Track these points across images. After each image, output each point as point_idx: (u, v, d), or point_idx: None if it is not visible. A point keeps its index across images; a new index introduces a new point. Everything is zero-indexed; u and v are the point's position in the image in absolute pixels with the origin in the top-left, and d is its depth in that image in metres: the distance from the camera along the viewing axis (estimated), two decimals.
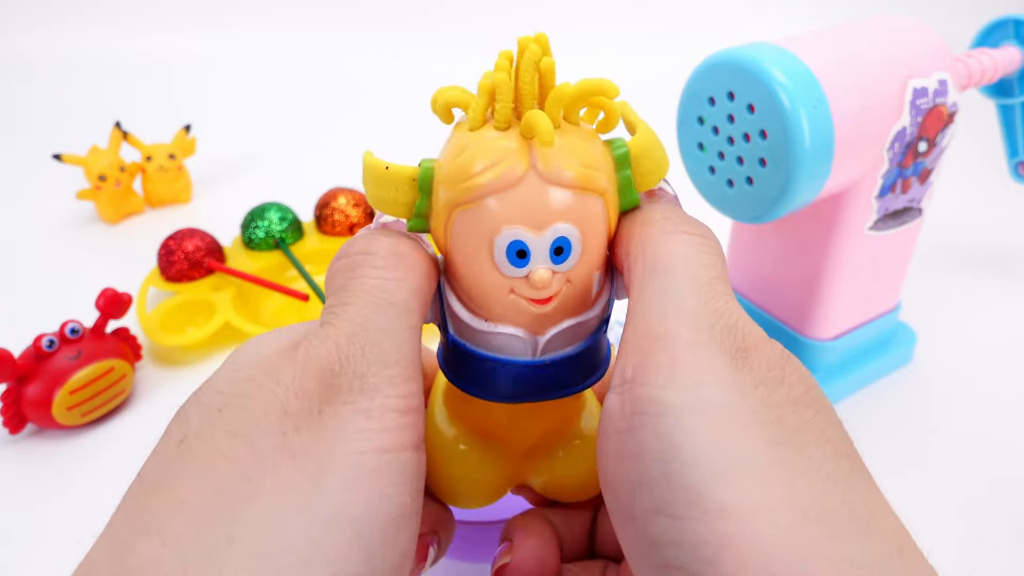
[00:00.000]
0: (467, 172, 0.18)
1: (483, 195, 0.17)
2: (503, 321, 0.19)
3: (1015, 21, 0.44)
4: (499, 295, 0.18)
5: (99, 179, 0.62)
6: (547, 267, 0.18)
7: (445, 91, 0.19)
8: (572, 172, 0.18)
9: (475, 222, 0.18)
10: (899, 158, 0.37)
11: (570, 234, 0.18)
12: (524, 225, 0.17)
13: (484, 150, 0.18)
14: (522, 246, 0.17)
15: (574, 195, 0.18)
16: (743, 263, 0.46)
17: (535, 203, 0.17)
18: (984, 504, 0.38)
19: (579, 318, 0.19)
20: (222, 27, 1.10)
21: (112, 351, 0.43)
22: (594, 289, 0.19)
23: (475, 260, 0.18)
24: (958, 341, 0.50)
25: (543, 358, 0.19)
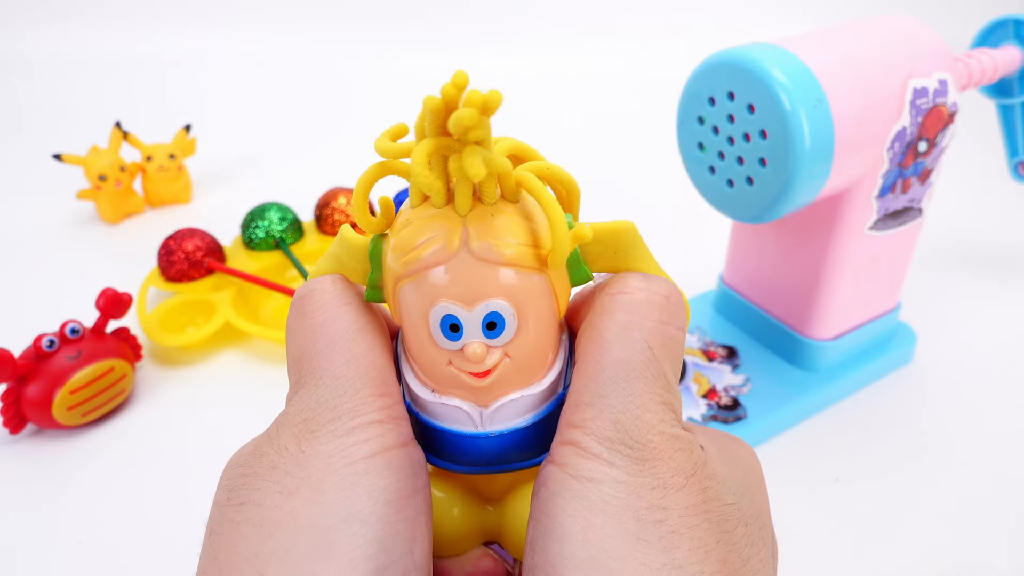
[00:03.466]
0: (406, 247, 0.18)
1: (420, 269, 0.18)
2: (448, 393, 0.19)
3: (1015, 21, 0.44)
4: (440, 367, 0.19)
5: (99, 179, 0.62)
6: (480, 342, 0.18)
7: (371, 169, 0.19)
8: (506, 250, 0.18)
9: (415, 295, 0.18)
10: (899, 158, 0.37)
11: (503, 309, 0.18)
12: (455, 300, 0.18)
13: (421, 227, 0.18)
14: (454, 320, 0.18)
15: (510, 272, 0.18)
16: (743, 263, 0.46)
17: (466, 279, 0.18)
18: (984, 503, 0.38)
19: (524, 392, 0.19)
20: (222, 27, 1.10)
21: (112, 351, 0.43)
22: (541, 365, 0.20)
23: (416, 332, 0.19)
24: (958, 341, 0.50)
25: (489, 431, 0.20)
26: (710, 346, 0.46)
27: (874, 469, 0.40)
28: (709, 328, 0.48)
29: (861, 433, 0.43)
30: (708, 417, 0.41)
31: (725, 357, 0.45)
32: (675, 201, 0.61)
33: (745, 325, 0.47)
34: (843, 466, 0.41)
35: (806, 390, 0.43)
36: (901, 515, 0.38)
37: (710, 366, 0.44)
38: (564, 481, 0.17)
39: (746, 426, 0.41)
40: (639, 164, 0.74)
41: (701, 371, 0.44)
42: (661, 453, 0.18)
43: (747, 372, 0.44)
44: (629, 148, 0.79)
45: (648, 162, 0.72)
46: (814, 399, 0.43)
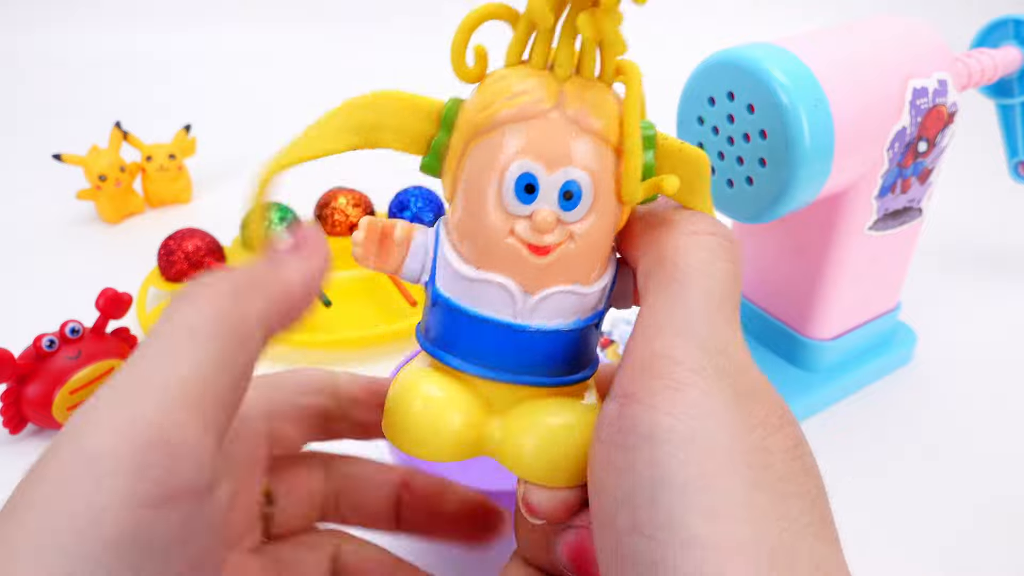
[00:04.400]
0: (492, 99, 0.18)
1: (503, 122, 0.17)
2: (495, 269, 0.18)
3: (1015, 21, 0.44)
4: (498, 237, 0.18)
5: (99, 179, 0.62)
6: (552, 210, 0.17)
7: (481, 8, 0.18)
8: (597, 120, 0.17)
9: (490, 152, 0.17)
10: (899, 158, 0.37)
11: (582, 181, 0.17)
12: (538, 159, 0.17)
13: (513, 81, 0.18)
14: (532, 180, 0.17)
15: (593, 144, 0.17)
16: (743, 263, 0.46)
17: (553, 140, 0.17)
18: (984, 503, 0.38)
19: (574, 287, 0.18)
20: (222, 27, 1.10)
21: (112, 351, 0.43)
22: (596, 263, 0.19)
23: (482, 195, 0.18)
24: (958, 341, 0.50)
25: (527, 324, 0.18)
26: None
27: (874, 469, 0.40)
28: None
29: (861, 433, 0.43)
30: None
31: None
32: None
33: (745, 325, 0.47)
34: (843, 466, 0.41)
35: (806, 390, 0.43)
36: (901, 515, 0.38)
37: None
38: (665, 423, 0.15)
39: None
40: None
41: None
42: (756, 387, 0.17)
43: None
44: None
45: None
46: (814, 399, 0.43)
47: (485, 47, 0.18)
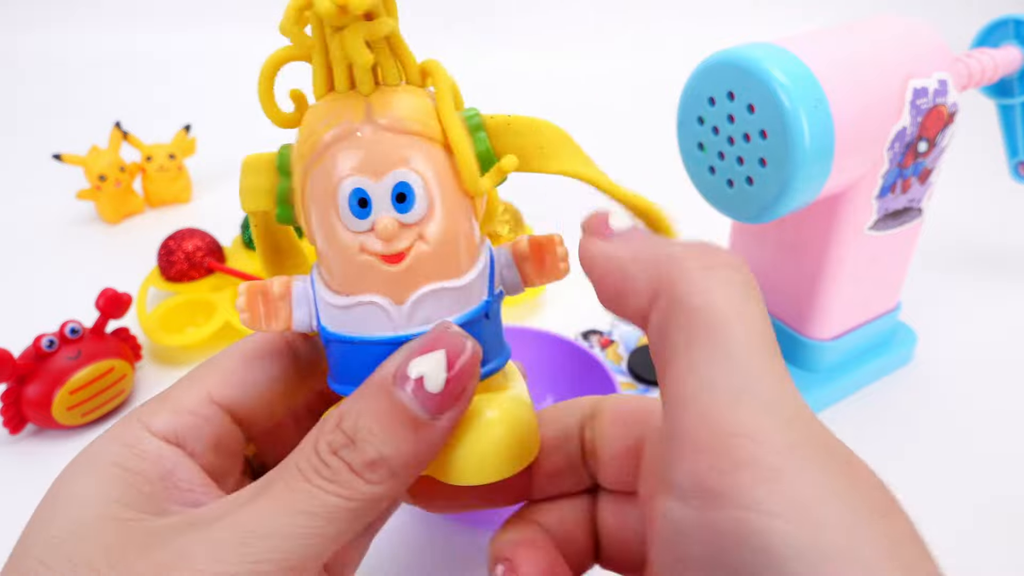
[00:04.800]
0: (309, 132, 0.18)
1: (324, 148, 0.18)
2: (361, 291, 0.18)
3: (1015, 21, 0.44)
4: (352, 257, 0.18)
5: (99, 179, 0.62)
6: (391, 216, 0.18)
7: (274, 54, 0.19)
8: (412, 122, 0.18)
9: (321, 179, 0.18)
10: (899, 158, 0.37)
11: (412, 180, 0.18)
12: (362, 172, 0.17)
13: (322, 109, 0.18)
14: (362, 194, 0.17)
15: (412, 143, 0.18)
16: None
17: (372, 150, 0.18)
18: (984, 503, 0.38)
19: (442, 284, 0.18)
20: (221, 27, 1.10)
21: (112, 351, 0.43)
22: (458, 256, 0.19)
23: (326, 220, 0.18)
24: (958, 341, 0.50)
25: (409, 333, 0.18)
26: None
27: (874, 469, 0.40)
28: None
29: (861, 433, 0.43)
30: None
31: None
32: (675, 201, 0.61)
33: None
34: None
35: (806, 390, 0.43)
36: None
37: None
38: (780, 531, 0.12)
39: None
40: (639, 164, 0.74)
41: None
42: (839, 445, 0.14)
43: None
44: (629, 148, 0.79)
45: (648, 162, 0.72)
46: (814, 399, 0.43)
47: (302, 92, 0.19)
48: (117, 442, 0.19)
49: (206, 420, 0.20)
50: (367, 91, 0.18)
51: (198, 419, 0.20)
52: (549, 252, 0.20)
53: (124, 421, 0.20)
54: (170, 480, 0.18)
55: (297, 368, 0.22)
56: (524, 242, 0.20)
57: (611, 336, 0.47)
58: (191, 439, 0.20)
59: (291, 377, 0.22)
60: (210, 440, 0.20)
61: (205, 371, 0.21)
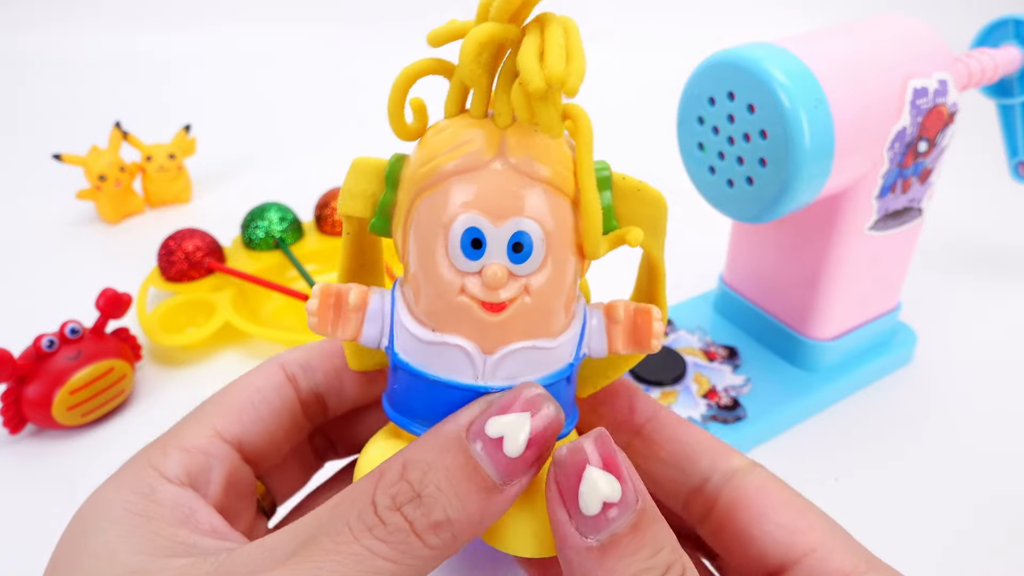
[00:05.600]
0: (433, 153, 0.17)
1: (445, 176, 0.17)
2: (450, 331, 0.17)
3: (1015, 21, 0.44)
4: (449, 296, 0.17)
5: (99, 179, 0.62)
6: (502, 264, 0.17)
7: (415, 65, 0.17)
8: (543, 167, 0.17)
9: (434, 208, 0.17)
10: (899, 158, 0.37)
11: (532, 231, 0.16)
12: (482, 212, 0.16)
13: (453, 133, 0.17)
14: (478, 234, 0.16)
15: (542, 192, 0.17)
16: (743, 263, 0.46)
17: (497, 191, 0.16)
18: (984, 503, 0.38)
19: (536, 342, 0.17)
20: (221, 27, 1.10)
21: (112, 351, 0.43)
22: (558, 315, 0.18)
23: (429, 252, 0.17)
24: (958, 341, 0.50)
25: (489, 385, 0.17)
26: (711, 346, 0.46)
27: (874, 469, 0.40)
28: (709, 328, 0.48)
29: (861, 433, 0.43)
30: (708, 417, 0.41)
31: (726, 357, 0.45)
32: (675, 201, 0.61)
33: (745, 325, 0.47)
34: (843, 466, 0.41)
35: (806, 390, 0.43)
36: (901, 515, 0.38)
37: (710, 366, 0.44)
38: None
39: (746, 426, 0.41)
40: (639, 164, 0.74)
41: (701, 371, 0.44)
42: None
43: (747, 372, 0.44)
44: (629, 148, 0.79)
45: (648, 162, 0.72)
46: (814, 399, 0.43)
47: (423, 101, 0.18)
48: (130, 491, 0.18)
49: (218, 459, 0.19)
50: (504, 124, 0.17)
51: (209, 458, 0.19)
52: (645, 326, 0.19)
53: (134, 467, 0.19)
54: (191, 524, 0.17)
55: (300, 404, 0.22)
56: (620, 309, 0.19)
57: None
58: (203, 480, 0.19)
59: (296, 411, 0.21)
60: (222, 479, 0.19)
61: (210, 408, 0.21)
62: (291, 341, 0.48)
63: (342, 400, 0.23)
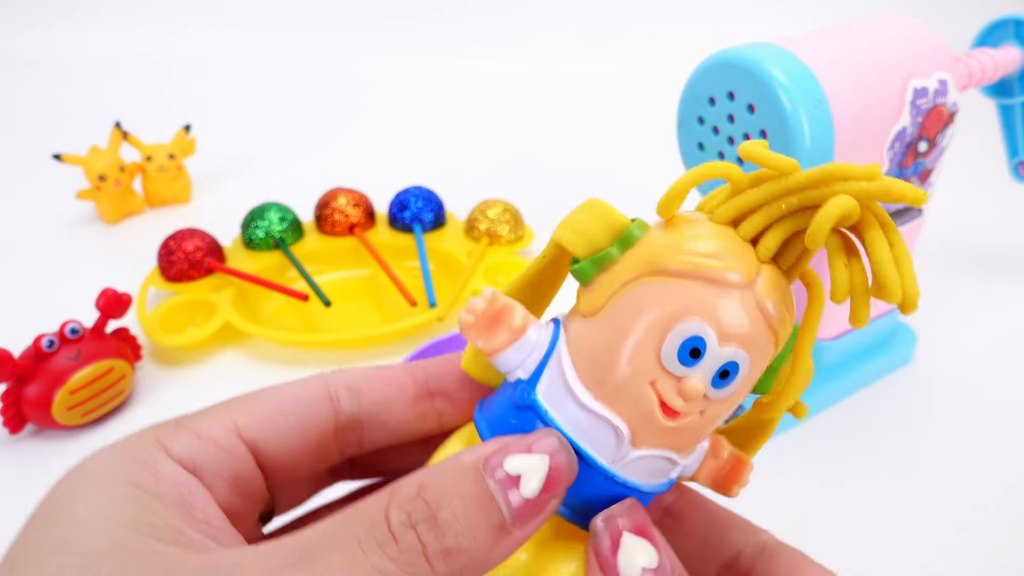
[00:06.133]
0: (689, 248, 0.17)
1: (695, 275, 0.17)
2: (615, 410, 0.17)
3: (1015, 21, 0.44)
4: (639, 382, 0.17)
5: (99, 179, 0.62)
6: (705, 382, 0.17)
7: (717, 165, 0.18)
8: (776, 313, 0.17)
9: (668, 297, 0.17)
10: (899, 158, 0.37)
11: (743, 364, 0.17)
12: (716, 329, 0.16)
13: (719, 242, 0.17)
14: (700, 345, 0.16)
15: (766, 334, 0.17)
16: None
17: (737, 316, 0.16)
18: (984, 504, 0.38)
19: (673, 455, 0.18)
20: (222, 27, 1.10)
21: (112, 351, 0.43)
22: (701, 440, 0.18)
23: (638, 336, 0.17)
24: (958, 341, 0.50)
25: (619, 474, 0.17)
26: None
27: (874, 469, 0.40)
28: None
29: (861, 433, 0.43)
30: None
31: None
32: None
33: None
34: (843, 466, 0.41)
35: (806, 390, 0.43)
36: (901, 515, 0.38)
37: None
38: None
39: None
40: (639, 164, 0.74)
41: None
42: None
43: None
44: (629, 148, 0.79)
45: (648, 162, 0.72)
46: (814, 399, 0.43)
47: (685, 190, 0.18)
48: (130, 458, 0.17)
49: (228, 453, 0.18)
50: (766, 258, 0.17)
51: (220, 451, 0.18)
52: (736, 474, 0.19)
53: (138, 437, 0.18)
54: (187, 508, 0.16)
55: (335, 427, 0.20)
56: (725, 450, 0.19)
57: None
58: (209, 470, 0.18)
59: (327, 434, 0.20)
60: (229, 476, 0.18)
61: (237, 402, 0.19)
62: (291, 341, 0.48)
63: (383, 431, 0.21)
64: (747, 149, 0.17)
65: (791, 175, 0.17)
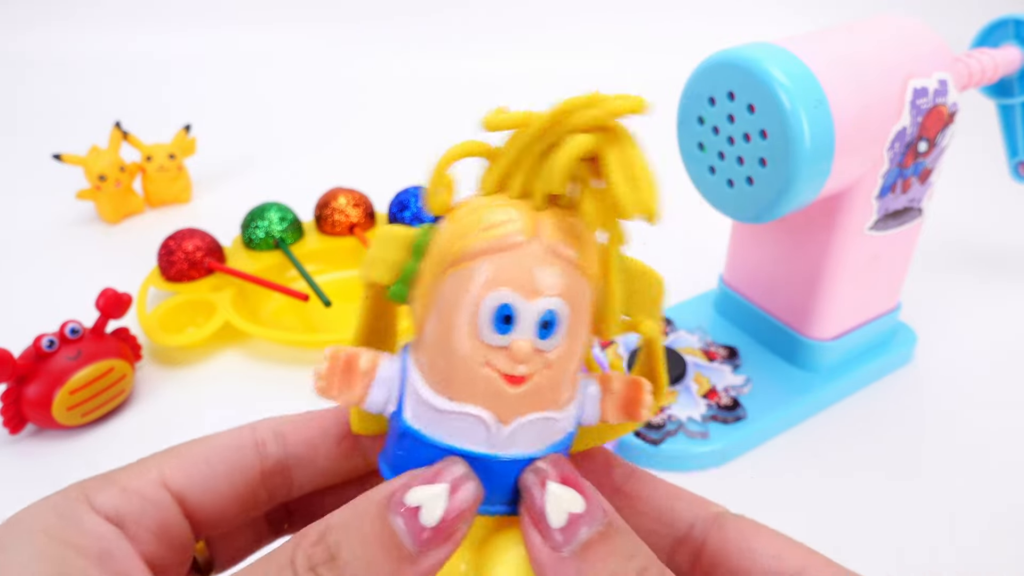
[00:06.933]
0: (469, 229, 0.17)
1: (481, 253, 0.17)
2: (468, 401, 0.17)
3: (1015, 21, 0.44)
4: (472, 368, 0.17)
5: (99, 179, 0.62)
6: (530, 340, 0.17)
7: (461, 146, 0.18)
8: (573, 251, 0.17)
9: (467, 282, 0.17)
10: (899, 158, 0.37)
11: (560, 310, 0.17)
12: (516, 289, 0.17)
13: (491, 211, 0.18)
14: (510, 311, 0.17)
15: (571, 273, 0.17)
16: (743, 263, 0.46)
17: (532, 270, 0.17)
18: (983, 504, 0.38)
19: (547, 414, 0.18)
20: (222, 27, 1.10)
21: (112, 351, 0.43)
22: (567, 389, 0.18)
23: (454, 325, 0.17)
24: (958, 341, 0.50)
25: (502, 454, 0.18)
26: (711, 346, 0.46)
27: (874, 469, 0.40)
28: (710, 328, 0.48)
29: (861, 433, 0.43)
30: (708, 417, 0.41)
31: (726, 357, 0.45)
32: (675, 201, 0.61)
33: (745, 325, 0.47)
34: (843, 466, 0.41)
35: (806, 390, 0.43)
36: (901, 515, 0.38)
37: (711, 366, 0.44)
38: None
39: (746, 426, 0.41)
40: None
41: (701, 371, 0.44)
42: None
43: (747, 372, 0.44)
44: None
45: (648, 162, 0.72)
46: (814, 399, 0.43)
47: (453, 178, 0.18)
48: (53, 512, 0.18)
49: (153, 504, 0.19)
50: (542, 206, 0.18)
51: (145, 502, 0.19)
52: (636, 397, 0.20)
53: (64, 492, 0.18)
54: (107, 560, 0.17)
55: (262, 472, 0.21)
56: (614, 381, 0.20)
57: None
58: (133, 522, 0.18)
59: (253, 480, 0.21)
60: (154, 526, 0.19)
61: (163, 454, 0.20)
62: (291, 341, 0.48)
63: (313, 473, 0.22)
64: (486, 120, 0.18)
65: (529, 124, 0.17)
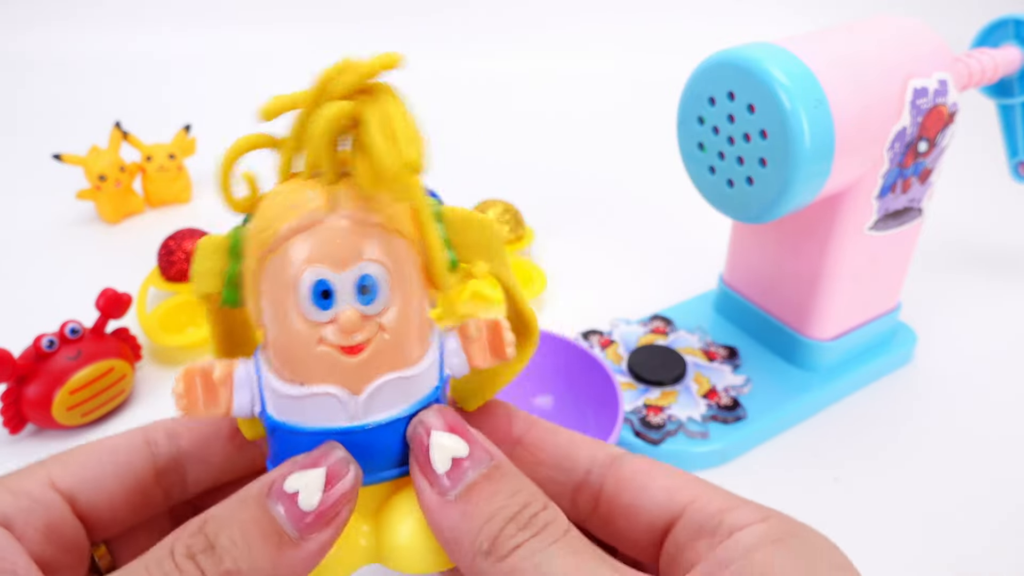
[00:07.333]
0: (271, 218, 0.18)
1: (286, 237, 0.18)
2: (316, 381, 0.18)
3: (1015, 21, 0.44)
4: (308, 349, 0.18)
5: (99, 179, 0.62)
6: (354, 308, 0.17)
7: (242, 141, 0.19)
8: (376, 214, 0.18)
9: (280, 268, 0.18)
10: (899, 158, 0.37)
11: (376, 273, 0.18)
12: (326, 264, 0.17)
13: (287, 196, 0.18)
14: (326, 286, 0.17)
15: (379, 236, 0.18)
16: (743, 263, 0.46)
17: (336, 241, 0.17)
18: (983, 503, 0.38)
19: (400, 374, 0.18)
20: (222, 27, 1.10)
21: (112, 351, 0.43)
22: (414, 345, 0.19)
23: (282, 311, 0.18)
24: (958, 341, 0.50)
25: (365, 423, 0.18)
26: (711, 346, 0.46)
27: (874, 469, 0.40)
28: (710, 328, 0.48)
29: (861, 433, 0.43)
30: (708, 417, 0.41)
31: (726, 357, 0.45)
32: (675, 201, 0.61)
33: (745, 325, 0.47)
34: (843, 466, 0.41)
35: (806, 390, 0.43)
36: (901, 515, 0.38)
37: (711, 366, 0.44)
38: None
39: (746, 426, 0.41)
40: (639, 164, 0.74)
41: (701, 371, 0.44)
42: None
43: (747, 372, 0.44)
44: (629, 148, 0.79)
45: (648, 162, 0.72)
46: (814, 399, 0.43)
47: (253, 174, 0.19)
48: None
49: (41, 504, 0.19)
50: (334, 180, 0.18)
51: (33, 502, 0.19)
52: (497, 337, 0.20)
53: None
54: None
55: (155, 470, 0.21)
56: (472, 327, 0.20)
57: (611, 336, 0.47)
58: (21, 522, 0.19)
59: (146, 478, 0.21)
60: (42, 526, 0.19)
61: (52, 459, 0.20)
62: None
63: (208, 470, 0.22)
64: (262, 110, 0.18)
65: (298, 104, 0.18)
